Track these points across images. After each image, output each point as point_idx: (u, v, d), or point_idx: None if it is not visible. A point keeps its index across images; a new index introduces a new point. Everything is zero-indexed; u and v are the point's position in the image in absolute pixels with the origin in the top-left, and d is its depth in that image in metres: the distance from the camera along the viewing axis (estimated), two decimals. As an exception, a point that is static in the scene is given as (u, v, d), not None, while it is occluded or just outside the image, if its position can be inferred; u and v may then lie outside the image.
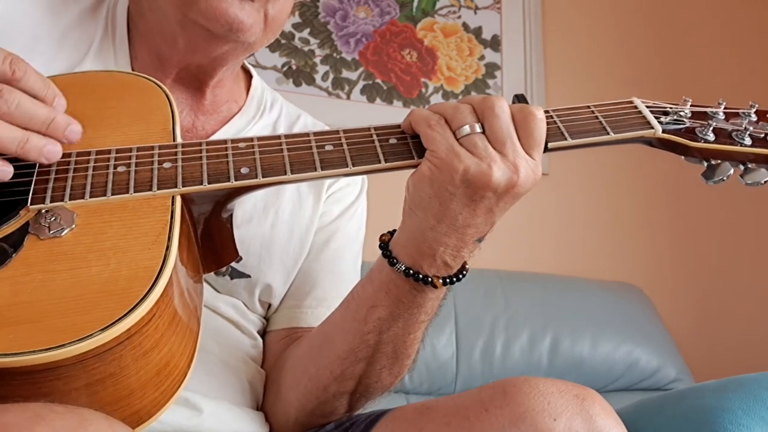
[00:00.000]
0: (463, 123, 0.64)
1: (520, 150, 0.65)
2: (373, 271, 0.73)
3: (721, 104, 0.75)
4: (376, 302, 0.72)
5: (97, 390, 0.52)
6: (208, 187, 0.63)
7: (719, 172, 0.72)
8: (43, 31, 0.82)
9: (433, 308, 0.73)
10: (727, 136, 0.72)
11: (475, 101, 0.66)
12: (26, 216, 0.59)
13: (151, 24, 0.84)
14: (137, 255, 0.56)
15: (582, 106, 0.72)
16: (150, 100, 0.72)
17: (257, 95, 0.95)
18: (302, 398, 0.80)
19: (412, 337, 0.75)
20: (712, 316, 2.15)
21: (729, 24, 2.39)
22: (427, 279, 0.68)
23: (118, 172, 0.62)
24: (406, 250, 0.69)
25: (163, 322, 0.55)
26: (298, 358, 0.83)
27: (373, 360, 0.75)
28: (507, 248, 1.96)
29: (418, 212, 0.67)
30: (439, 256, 0.68)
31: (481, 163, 0.63)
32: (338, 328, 0.77)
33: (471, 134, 0.64)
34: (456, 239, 0.67)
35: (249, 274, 0.85)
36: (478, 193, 0.64)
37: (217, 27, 0.78)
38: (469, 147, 0.64)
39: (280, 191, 0.89)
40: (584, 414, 0.61)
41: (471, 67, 2.10)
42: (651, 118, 0.72)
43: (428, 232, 0.67)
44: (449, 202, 0.64)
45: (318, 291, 0.90)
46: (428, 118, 0.66)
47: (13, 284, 0.53)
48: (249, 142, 0.67)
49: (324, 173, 0.65)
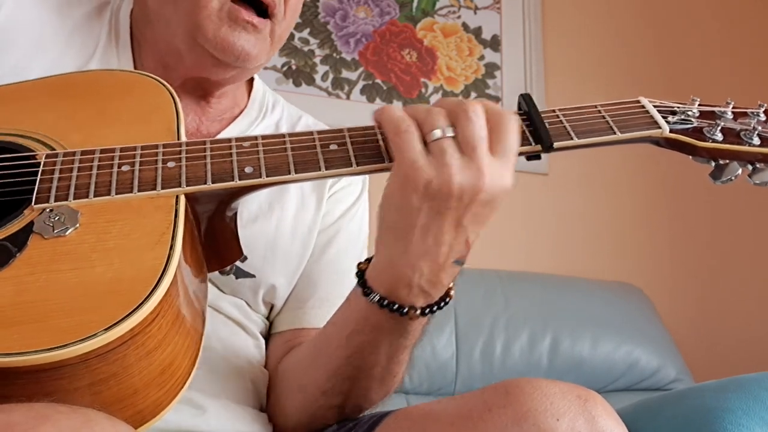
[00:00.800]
0: (434, 126, 0.62)
1: (487, 154, 0.61)
2: (351, 297, 0.71)
3: (730, 104, 0.73)
4: (356, 327, 0.70)
5: (101, 389, 0.52)
6: (212, 186, 0.62)
7: (727, 172, 0.71)
8: (50, 31, 0.83)
9: (416, 333, 0.71)
10: (735, 136, 0.71)
11: (449, 104, 0.64)
12: (30, 215, 0.59)
13: (158, 34, 0.84)
14: (141, 255, 0.55)
15: (589, 105, 0.71)
16: (154, 98, 0.71)
17: (259, 97, 0.95)
18: (296, 408, 0.80)
19: (398, 360, 0.73)
20: (712, 316, 2.15)
21: (729, 23, 2.39)
22: (402, 310, 0.66)
23: (122, 171, 0.62)
24: (380, 279, 0.66)
25: (166, 321, 0.55)
26: (291, 370, 0.83)
27: (359, 380, 0.74)
28: (507, 248, 1.96)
29: (389, 236, 0.65)
30: (414, 283, 0.64)
31: (444, 171, 0.60)
32: (324, 346, 0.76)
33: (440, 139, 0.61)
34: (430, 262, 0.63)
35: (254, 274, 0.85)
36: (443, 203, 0.61)
37: (224, 56, 0.79)
38: (435, 152, 0.61)
39: (284, 192, 0.89)
40: (587, 415, 0.61)
41: (471, 67, 2.10)
42: (658, 118, 0.71)
43: (401, 258, 0.64)
44: (416, 218, 0.62)
45: (321, 292, 0.89)
46: (398, 124, 0.63)
47: (17, 284, 0.53)
48: (253, 140, 0.66)
49: (328, 173, 0.64)
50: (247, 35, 0.79)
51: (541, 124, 0.68)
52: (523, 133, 0.67)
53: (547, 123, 0.68)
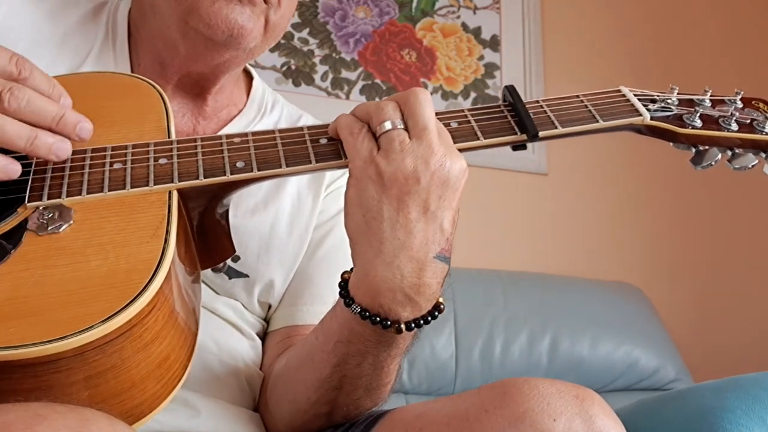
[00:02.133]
0: (383, 119, 0.63)
1: (435, 135, 0.62)
2: (337, 307, 0.69)
3: (707, 92, 0.76)
4: (341, 338, 0.68)
5: (99, 383, 0.52)
6: (204, 181, 0.63)
7: (707, 158, 0.73)
8: (44, 35, 0.83)
9: (404, 345, 0.68)
10: (714, 122, 0.73)
11: (398, 95, 0.65)
12: (24, 213, 0.59)
13: (153, 30, 0.84)
14: (136, 249, 0.56)
15: (571, 95, 0.74)
16: (144, 99, 0.72)
17: (258, 97, 0.95)
18: (285, 418, 0.79)
19: (386, 370, 0.71)
20: (712, 316, 2.15)
21: (728, 22, 2.39)
22: (386, 323, 0.63)
23: (115, 169, 0.63)
24: (362, 289, 0.63)
25: (162, 314, 0.55)
26: (280, 375, 0.82)
27: (347, 389, 0.72)
28: (506, 248, 1.96)
29: (361, 242, 0.63)
30: (397, 288, 0.62)
31: (395, 156, 0.61)
32: (310, 355, 0.74)
33: (390, 130, 0.62)
34: (407, 259, 0.61)
35: (247, 274, 0.85)
36: (403, 188, 0.61)
37: (218, 33, 0.78)
38: (385, 143, 0.62)
39: (281, 190, 0.89)
40: (584, 414, 0.61)
41: (470, 67, 2.10)
42: (639, 106, 0.73)
43: (375, 260, 0.62)
44: (380, 212, 0.61)
45: (313, 288, 0.89)
46: (351, 126, 0.64)
47: (12, 279, 0.53)
48: (244, 137, 0.67)
49: (319, 165, 0.65)
50: (241, 8, 0.78)
51: (525, 115, 0.70)
52: (509, 123, 0.69)
53: (532, 113, 0.70)
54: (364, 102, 0.71)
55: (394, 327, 0.63)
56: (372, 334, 0.65)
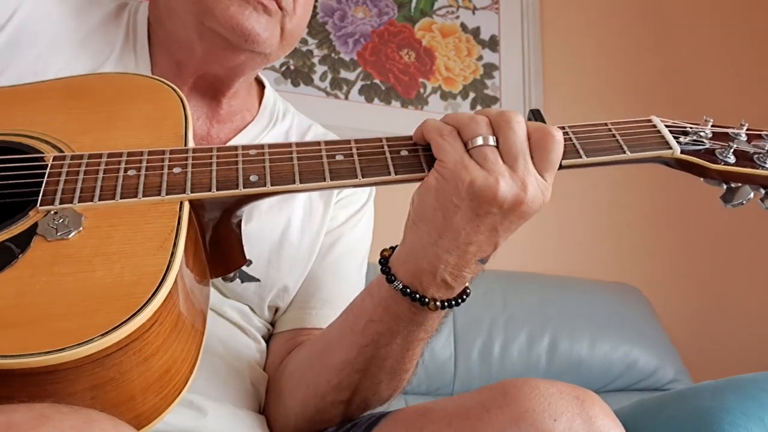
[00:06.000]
0: (476, 134, 0.63)
1: (531, 168, 0.63)
2: (373, 286, 0.72)
3: (744, 125, 0.72)
4: (374, 317, 0.71)
5: (98, 394, 0.52)
6: (216, 194, 0.62)
7: (739, 196, 0.70)
8: (67, 32, 0.83)
9: (433, 326, 0.72)
10: (748, 159, 0.69)
11: (491, 113, 0.65)
12: (35, 217, 0.59)
13: (170, 31, 0.85)
14: (142, 260, 0.55)
15: (599, 123, 0.70)
16: (163, 103, 0.72)
17: (270, 105, 0.96)
18: (301, 405, 0.80)
19: (411, 354, 0.74)
20: (711, 316, 2.15)
21: (728, 25, 2.39)
22: (424, 299, 0.67)
23: (128, 176, 0.62)
24: (405, 267, 0.67)
25: (165, 328, 0.55)
26: (298, 364, 0.83)
27: (371, 373, 0.74)
28: (505, 248, 1.95)
29: (421, 225, 0.65)
30: (439, 274, 0.66)
31: (489, 176, 0.61)
32: (337, 337, 0.76)
33: (483, 146, 0.63)
34: (457, 257, 0.65)
35: (259, 278, 0.85)
36: (483, 207, 0.62)
37: (234, 37, 0.79)
38: (479, 159, 0.62)
39: (293, 197, 0.90)
40: (584, 415, 0.62)
41: (469, 68, 2.10)
42: (669, 138, 0.70)
43: (429, 248, 0.65)
44: (453, 215, 0.63)
45: (322, 292, 0.90)
46: (441, 128, 0.65)
47: (18, 285, 0.53)
48: (260, 149, 0.66)
49: (333, 183, 0.64)
50: (257, 15, 0.79)
51: None
52: None
53: None
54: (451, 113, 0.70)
55: (432, 302, 0.67)
56: (406, 312, 0.68)
